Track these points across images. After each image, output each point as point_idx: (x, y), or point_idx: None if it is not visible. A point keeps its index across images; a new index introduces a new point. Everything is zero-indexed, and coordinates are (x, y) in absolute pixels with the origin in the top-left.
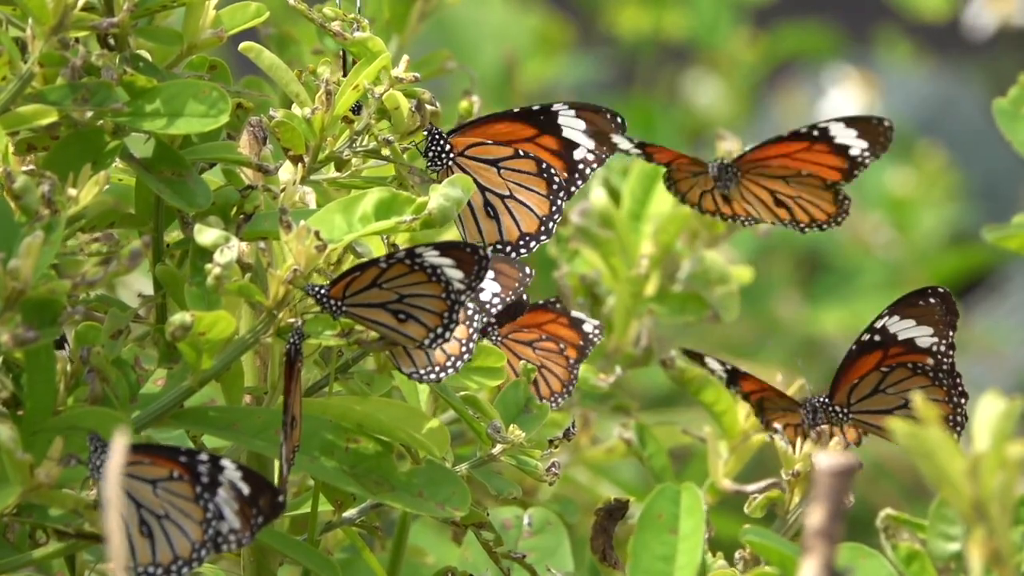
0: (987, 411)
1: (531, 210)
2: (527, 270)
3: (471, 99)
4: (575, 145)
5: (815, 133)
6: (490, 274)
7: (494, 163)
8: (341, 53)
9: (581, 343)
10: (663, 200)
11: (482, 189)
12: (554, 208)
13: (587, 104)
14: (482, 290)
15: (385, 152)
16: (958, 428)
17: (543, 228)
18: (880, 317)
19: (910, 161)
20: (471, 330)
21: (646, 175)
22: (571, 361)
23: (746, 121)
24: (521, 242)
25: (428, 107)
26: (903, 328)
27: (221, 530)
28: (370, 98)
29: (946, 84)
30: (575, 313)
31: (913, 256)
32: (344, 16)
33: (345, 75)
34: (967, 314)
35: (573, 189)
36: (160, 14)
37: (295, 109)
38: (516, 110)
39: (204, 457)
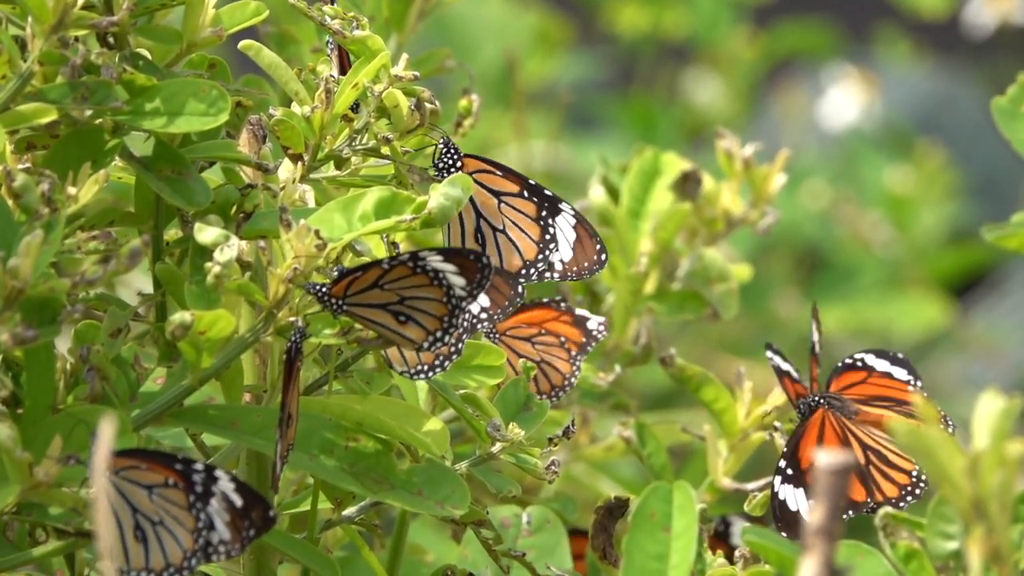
0: (986, 409)
1: (518, 251)
2: (520, 290)
3: (470, 97)
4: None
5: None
6: None
7: (497, 195)
8: (330, 45)
9: (584, 340)
10: (662, 198)
11: (478, 215)
12: (540, 256)
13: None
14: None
15: (384, 150)
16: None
17: (524, 271)
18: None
19: (909, 159)
20: (461, 330)
21: (645, 173)
22: (573, 353)
23: (746, 119)
24: None
25: (428, 105)
26: (880, 364)
27: (211, 540)
28: (369, 96)
29: (945, 82)
30: (579, 311)
31: (912, 254)
32: (343, 14)
33: (340, 70)
34: (966, 312)
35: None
36: (159, 12)
37: (295, 107)
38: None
39: (199, 466)
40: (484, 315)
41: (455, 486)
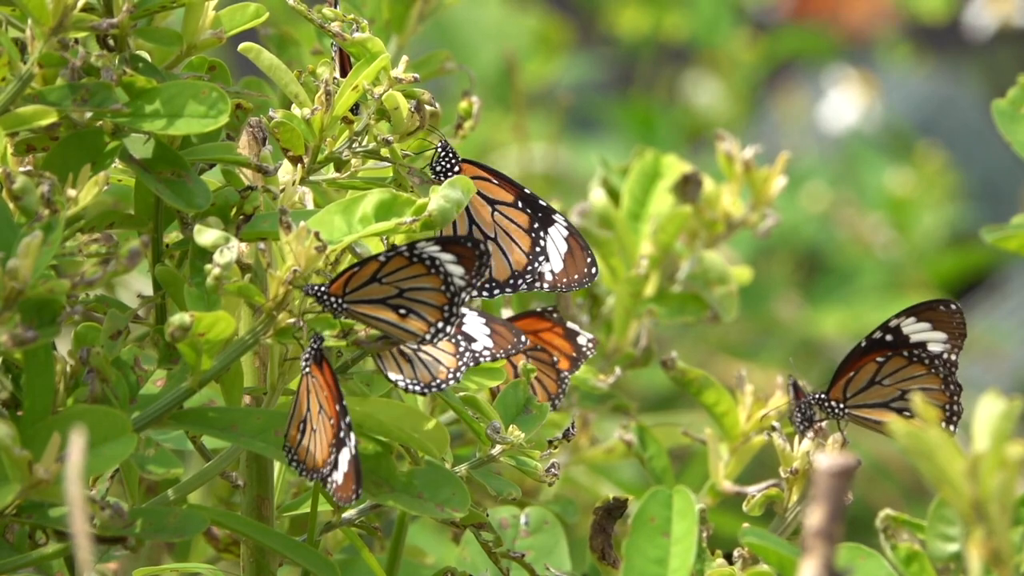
0: (987, 411)
1: (507, 261)
2: (523, 339)
3: (471, 99)
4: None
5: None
6: (485, 330)
7: (492, 203)
8: (333, 47)
9: (574, 355)
10: (662, 200)
11: (471, 221)
12: (529, 267)
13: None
14: (474, 340)
15: (384, 153)
16: (954, 419)
17: (511, 281)
18: (895, 317)
19: (909, 161)
20: (460, 361)
21: (645, 175)
22: (561, 374)
23: (746, 122)
24: (487, 286)
25: (428, 107)
26: (917, 330)
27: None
28: (369, 98)
29: (945, 84)
30: (570, 324)
31: (912, 256)
32: (343, 17)
33: (342, 72)
34: (966, 314)
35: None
36: (159, 15)
37: (294, 110)
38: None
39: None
40: (486, 352)
41: (455, 489)
